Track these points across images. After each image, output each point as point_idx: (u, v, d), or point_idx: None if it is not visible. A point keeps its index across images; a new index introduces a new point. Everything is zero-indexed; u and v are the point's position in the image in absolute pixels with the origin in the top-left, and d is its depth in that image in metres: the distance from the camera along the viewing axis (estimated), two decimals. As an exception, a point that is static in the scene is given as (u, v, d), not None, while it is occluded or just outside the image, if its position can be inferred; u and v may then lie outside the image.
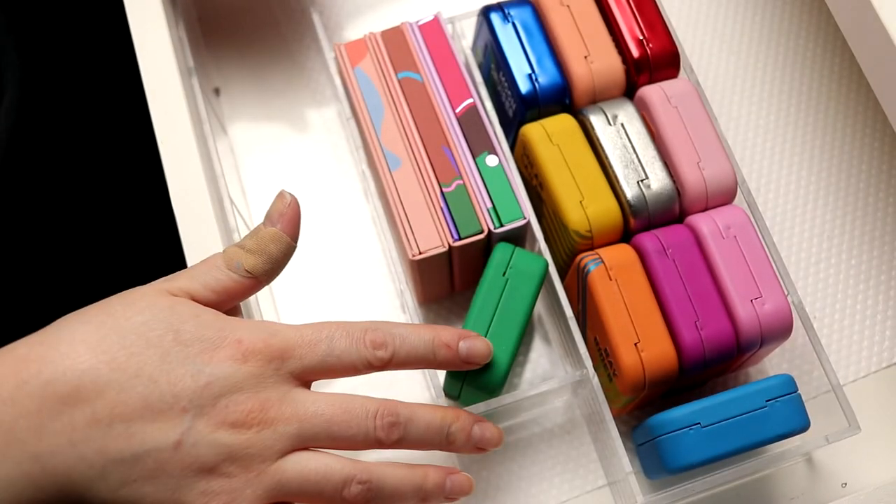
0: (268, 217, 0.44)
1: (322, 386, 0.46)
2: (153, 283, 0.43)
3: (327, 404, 0.42)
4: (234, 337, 0.41)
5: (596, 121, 0.52)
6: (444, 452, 0.51)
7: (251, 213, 0.61)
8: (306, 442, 0.41)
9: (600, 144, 0.52)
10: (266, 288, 0.58)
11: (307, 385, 0.43)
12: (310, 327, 0.43)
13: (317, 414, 0.41)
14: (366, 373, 0.43)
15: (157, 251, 0.57)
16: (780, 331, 0.49)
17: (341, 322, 0.43)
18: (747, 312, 0.49)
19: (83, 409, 0.38)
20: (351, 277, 0.60)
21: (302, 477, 0.41)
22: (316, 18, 0.58)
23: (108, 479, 0.39)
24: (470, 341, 0.45)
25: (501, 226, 0.51)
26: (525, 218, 0.52)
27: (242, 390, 0.40)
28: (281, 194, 0.44)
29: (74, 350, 0.39)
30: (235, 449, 0.40)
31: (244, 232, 0.58)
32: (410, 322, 0.53)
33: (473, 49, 0.59)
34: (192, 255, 0.49)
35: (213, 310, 0.42)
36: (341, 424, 0.41)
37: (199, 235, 0.50)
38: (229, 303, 0.43)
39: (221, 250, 0.45)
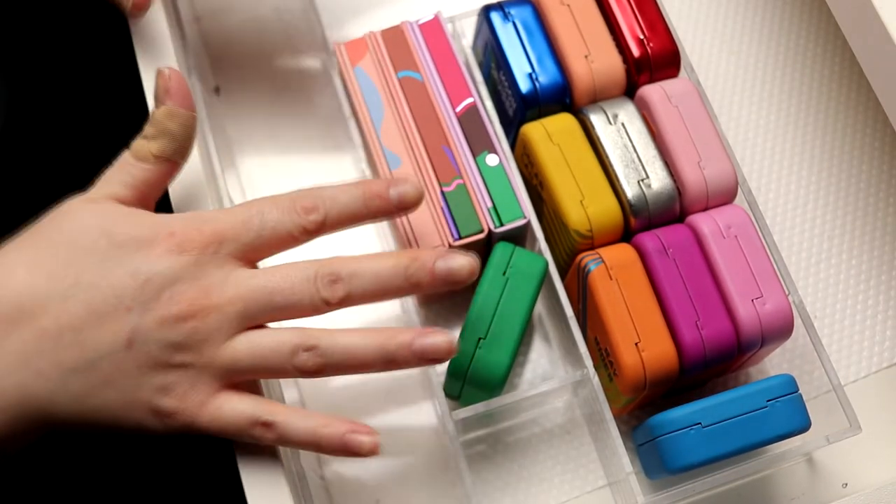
0: (155, 98, 0.44)
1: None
2: (73, 197, 0.43)
3: (267, 276, 0.42)
4: (166, 231, 0.41)
5: (596, 120, 0.52)
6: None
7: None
8: (254, 319, 0.42)
9: (601, 144, 0.52)
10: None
11: (251, 265, 0.43)
12: (239, 207, 0.43)
13: (258, 288, 0.41)
14: (305, 240, 0.43)
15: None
16: (780, 330, 0.49)
17: (269, 196, 0.44)
18: (748, 312, 0.48)
19: (30, 324, 0.39)
20: (351, 277, 0.59)
21: (253, 353, 0.41)
22: (316, 17, 0.58)
23: (68, 389, 0.40)
24: (399, 187, 0.44)
25: (502, 225, 0.51)
26: (525, 217, 0.52)
27: (183, 280, 0.40)
28: (159, 72, 0.44)
29: (11, 272, 0.40)
30: (185, 339, 0.40)
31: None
32: (410, 323, 0.53)
33: (474, 48, 0.59)
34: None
35: (140, 209, 0.43)
36: (284, 292, 0.41)
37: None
38: (152, 195, 0.44)
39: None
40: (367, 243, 0.60)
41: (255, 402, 0.42)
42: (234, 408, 0.42)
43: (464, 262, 0.43)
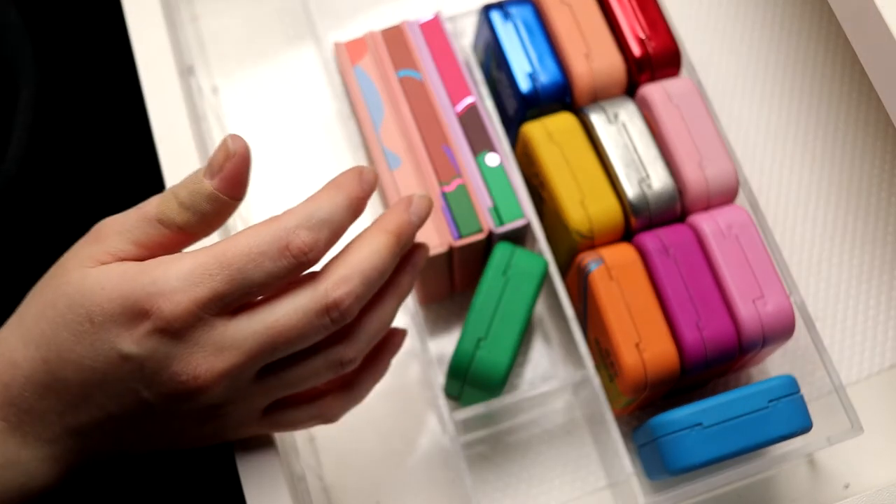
0: (208, 166, 0.40)
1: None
2: (84, 240, 0.41)
3: (268, 322, 0.39)
4: (149, 306, 0.38)
5: (597, 119, 0.52)
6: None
7: (250, 212, 0.61)
8: (270, 359, 0.39)
9: (601, 143, 0.52)
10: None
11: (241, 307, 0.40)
12: (228, 253, 0.38)
13: (259, 339, 0.39)
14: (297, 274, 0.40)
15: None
16: (782, 331, 0.49)
17: (258, 235, 0.38)
18: (749, 312, 0.48)
19: (49, 398, 0.40)
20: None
21: (288, 385, 0.42)
22: (315, 17, 0.58)
23: (121, 447, 0.42)
24: (366, 175, 0.42)
25: (502, 225, 0.51)
26: (525, 217, 0.52)
27: (177, 357, 0.38)
28: (224, 142, 0.39)
29: (15, 354, 0.40)
30: (206, 406, 0.40)
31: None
32: (413, 320, 0.53)
33: (474, 48, 0.59)
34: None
35: (127, 267, 0.39)
36: (290, 337, 0.39)
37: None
38: (162, 253, 0.41)
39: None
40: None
41: (299, 413, 0.44)
42: (281, 424, 0.43)
43: (426, 201, 0.44)
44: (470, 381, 0.49)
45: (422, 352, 0.52)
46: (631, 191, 0.51)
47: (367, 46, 0.55)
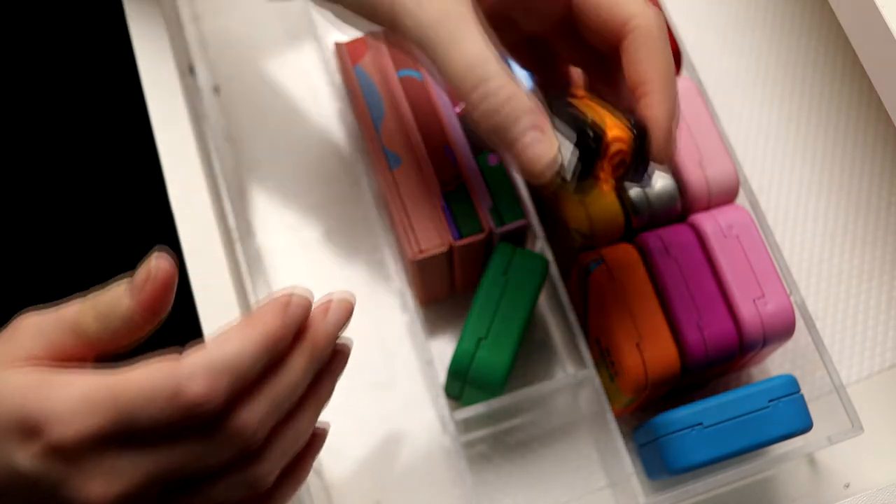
0: (132, 281, 0.37)
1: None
2: (1, 336, 0.38)
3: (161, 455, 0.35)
4: (41, 424, 0.35)
5: (597, 119, 0.52)
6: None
7: (254, 215, 0.61)
8: (171, 481, 0.36)
9: (602, 143, 0.52)
10: (264, 285, 0.58)
11: None
12: (115, 389, 0.35)
13: (163, 467, 0.35)
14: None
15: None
16: (782, 330, 0.49)
17: (153, 372, 0.35)
18: (750, 312, 0.48)
19: None
20: (351, 277, 0.59)
21: None
22: (316, 16, 0.58)
23: None
24: (294, 306, 0.38)
25: (503, 225, 0.51)
26: (526, 217, 0.51)
27: (71, 479, 0.35)
28: (148, 260, 0.36)
29: None
30: None
31: (242, 231, 0.58)
32: (412, 322, 0.53)
33: (474, 47, 0.58)
34: (190, 255, 0.49)
35: (30, 378, 0.36)
36: (192, 466, 0.36)
37: (197, 234, 0.49)
38: (79, 360, 0.38)
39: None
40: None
41: None
42: None
43: (345, 305, 0.40)
44: (470, 381, 0.49)
45: (422, 352, 0.52)
46: (632, 190, 0.51)
47: (368, 46, 0.55)
